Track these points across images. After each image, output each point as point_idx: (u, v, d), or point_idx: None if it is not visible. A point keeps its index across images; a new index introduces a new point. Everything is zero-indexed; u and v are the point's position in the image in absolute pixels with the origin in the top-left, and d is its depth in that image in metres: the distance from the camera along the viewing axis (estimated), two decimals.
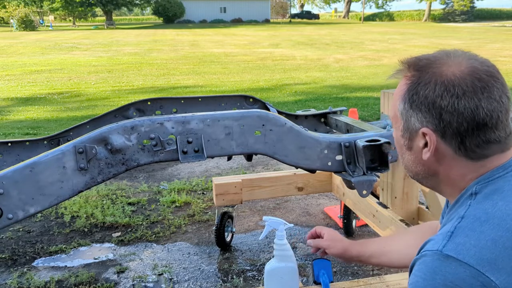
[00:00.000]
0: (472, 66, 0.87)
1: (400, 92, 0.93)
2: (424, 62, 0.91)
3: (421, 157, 0.92)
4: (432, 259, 0.78)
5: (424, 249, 0.83)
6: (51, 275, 2.47)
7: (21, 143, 1.98)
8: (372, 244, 1.35)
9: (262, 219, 3.14)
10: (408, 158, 0.97)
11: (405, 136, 0.94)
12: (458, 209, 0.88)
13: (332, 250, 1.34)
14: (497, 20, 53.93)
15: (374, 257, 1.32)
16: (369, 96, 8.07)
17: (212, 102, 2.20)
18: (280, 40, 23.90)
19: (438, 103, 0.86)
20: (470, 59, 0.89)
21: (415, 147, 0.92)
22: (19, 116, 6.88)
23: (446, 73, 0.87)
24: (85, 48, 19.37)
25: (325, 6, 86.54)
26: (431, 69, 0.89)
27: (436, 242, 0.80)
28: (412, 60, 0.94)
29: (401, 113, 0.93)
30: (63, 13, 56.29)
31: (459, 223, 0.81)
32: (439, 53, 0.93)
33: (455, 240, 0.78)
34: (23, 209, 1.34)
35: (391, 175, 2.14)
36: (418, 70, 0.91)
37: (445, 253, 0.77)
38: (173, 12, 51.11)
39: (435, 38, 24.10)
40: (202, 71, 11.85)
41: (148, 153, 1.44)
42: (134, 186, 3.84)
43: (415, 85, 0.89)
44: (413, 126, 0.91)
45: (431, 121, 0.87)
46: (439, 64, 0.90)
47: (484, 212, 0.81)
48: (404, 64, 0.95)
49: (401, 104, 0.92)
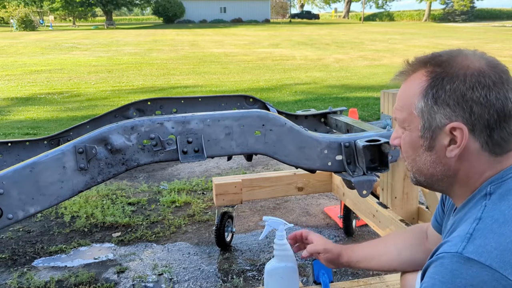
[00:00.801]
0: (491, 61, 0.87)
1: (418, 90, 0.89)
2: (445, 57, 0.89)
3: (444, 156, 0.88)
4: (451, 261, 0.76)
5: (440, 251, 0.80)
6: (51, 275, 2.47)
7: (21, 143, 1.98)
8: (361, 249, 1.33)
9: (262, 219, 3.14)
10: (425, 159, 0.92)
11: (426, 136, 0.89)
12: (472, 210, 0.85)
13: (324, 256, 1.31)
14: (497, 20, 53.93)
15: (363, 261, 1.29)
16: (369, 96, 8.07)
17: (212, 102, 2.20)
18: (280, 40, 23.90)
19: (469, 95, 0.83)
20: (483, 55, 0.89)
21: (438, 146, 0.88)
22: (19, 116, 6.88)
23: (472, 66, 0.85)
24: (85, 48, 19.37)
25: (325, 6, 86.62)
26: (455, 62, 0.87)
27: (454, 244, 0.78)
28: (429, 56, 0.91)
29: (421, 111, 0.89)
30: (63, 13, 56.30)
31: (477, 225, 0.79)
32: (454, 50, 0.91)
33: (475, 242, 0.76)
34: (23, 209, 1.34)
35: (391, 175, 2.14)
36: (440, 65, 0.88)
37: (465, 256, 0.75)
38: (173, 12, 51.10)
39: (435, 38, 24.10)
40: (202, 71, 11.85)
41: (148, 153, 1.44)
42: (134, 186, 3.84)
43: (439, 79, 0.86)
44: (438, 123, 0.86)
45: (461, 115, 0.84)
46: (462, 58, 0.88)
47: (501, 213, 0.80)
48: (418, 62, 0.92)
49: (421, 102, 0.88)
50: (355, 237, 2.85)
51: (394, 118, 0.99)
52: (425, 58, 0.91)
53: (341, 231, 2.91)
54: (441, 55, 0.90)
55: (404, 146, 0.96)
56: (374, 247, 1.32)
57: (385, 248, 1.30)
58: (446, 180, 0.92)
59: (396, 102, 0.97)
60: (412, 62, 0.93)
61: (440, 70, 0.87)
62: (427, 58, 0.91)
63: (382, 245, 1.32)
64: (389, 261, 1.27)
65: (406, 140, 0.95)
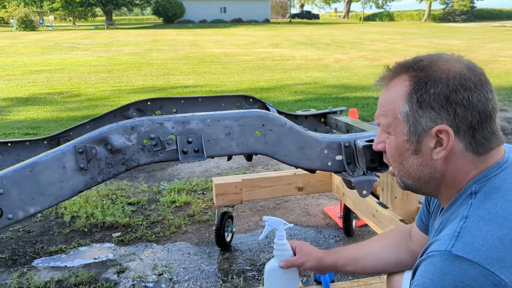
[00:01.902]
0: (469, 64, 0.90)
1: (401, 94, 0.91)
2: (426, 62, 0.90)
3: (430, 159, 0.90)
4: (441, 259, 0.78)
5: (430, 249, 0.82)
6: (51, 275, 2.47)
7: (21, 143, 1.98)
8: (346, 252, 1.33)
9: (262, 219, 3.14)
10: (412, 163, 0.93)
11: (412, 140, 0.91)
12: (459, 209, 0.87)
13: (308, 264, 1.30)
14: (497, 20, 53.92)
15: (349, 264, 1.29)
16: (369, 96, 8.07)
17: (212, 102, 2.20)
18: (280, 40, 23.90)
19: (452, 98, 0.85)
20: (460, 58, 0.91)
21: (424, 149, 0.90)
22: (19, 116, 6.88)
23: (454, 69, 0.87)
24: (85, 48, 19.36)
25: (325, 6, 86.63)
26: (437, 67, 0.89)
27: (443, 243, 0.80)
28: (410, 61, 0.93)
29: (405, 115, 0.90)
30: (63, 13, 56.31)
31: (465, 223, 0.81)
32: (434, 55, 0.93)
33: (463, 240, 0.78)
34: (23, 209, 1.33)
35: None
36: (422, 70, 0.89)
37: (454, 253, 0.77)
38: (173, 12, 51.11)
39: (435, 38, 24.10)
40: (202, 71, 11.85)
41: (148, 153, 1.44)
42: (134, 186, 3.84)
43: (423, 83, 0.88)
44: (423, 127, 0.88)
45: (446, 118, 0.86)
46: (442, 62, 0.89)
47: (487, 211, 0.82)
48: (399, 67, 0.93)
49: (406, 106, 0.90)
50: (355, 237, 2.86)
51: (377, 123, 1.00)
52: (407, 63, 0.93)
53: (341, 231, 2.91)
54: (422, 60, 0.91)
55: (390, 151, 0.97)
56: (359, 250, 1.32)
57: (370, 250, 1.30)
58: (433, 182, 0.94)
59: (379, 107, 0.98)
60: (393, 67, 0.95)
61: (422, 75, 0.89)
62: (408, 63, 0.92)
63: (366, 247, 1.32)
64: (373, 262, 1.28)
65: (392, 145, 0.96)
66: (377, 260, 1.27)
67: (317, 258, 1.30)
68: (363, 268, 1.29)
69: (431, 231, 1.07)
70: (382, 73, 0.97)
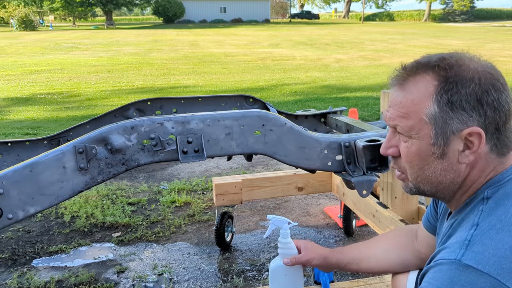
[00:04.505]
0: (490, 64, 0.87)
1: (426, 95, 0.84)
2: (453, 60, 0.85)
3: (456, 163, 0.85)
4: (450, 268, 0.76)
5: (439, 257, 0.80)
6: (51, 275, 2.47)
7: (21, 143, 1.98)
8: (350, 251, 1.32)
9: (262, 219, 3.14)
10: (436, 168, 0.87)
11: (439, 143, 0.84)
12: (470, 215, 0.85)
13: (314, 262, 1.30)
14: (497, 20, 53.94)
15: (352, 263, 1.28)
16: (369, 96, 8.07)
17: (212, 102, 2.20)
18: (280, 40, 23.90)
19: (484, 99, 0.81)
20: (479, 58, 0.89)
21: (451, 152, 0.85)
22: (19, 116, 6.88)
23: (481, 69, 0.84)
24: (85, 48, 19.36)
25: (325, 6, 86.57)
26: (465, 65, 0.84)
27: (452, 251, 0.78)
28: (432, 59, 0.87)
29: (433, 117, 0.84)
30: (63, 13, 56.32)
31: (475, 231, 0.79)
32: (457, 53, 0.88)
33: (473, 249, 0.76)
34: (23, 209, 1.33)
35: (391, 175, 2.14)
36: (451, 68, 0.84)
37: (464, 263, 0.74)
38: (173, 12, 51.11)
39: (435, 38, 24.10)
40: (202, 71, 11.85)
41: (148, 153, 1.44)
42: (134, 186, 3.84)
43: (453, 83, 0.82)
44: (453, 129, 0.83)
45: (477, 119, 0.82)
46: (468, 61, 0.85)
47: (498, 219, 0.79)
48: (421, 66, 0.87)
49: (433, 107, 0.83)
50: (355, 237, 2.85)
51: (392, 126, 0.91)
52: (430, 61, 0.86)
53: (341, 231, 2.91)
54: (447, 58, 0.86)
55: (409, 156, 0.89)
56: (364, 249, 1.31)
57: (375, 249, 1.29)
58: (452, 187, 0.89)
59: (394, 108, 0.90)
60: (410, 65, 0.89)
61: (451, 74, 0.83)
62: (432, 61, 0.86)
63: (372, 246, 1.31)
64: (378, 262, 1.27)
65: (413, 149, 0.88)
66: (382, 260, 1.26)
67: (323, 255, 1.30)
68: (368, 268, 1.28)
69: (439, 234, 1.04)
70: (396, 71, 0.91)
